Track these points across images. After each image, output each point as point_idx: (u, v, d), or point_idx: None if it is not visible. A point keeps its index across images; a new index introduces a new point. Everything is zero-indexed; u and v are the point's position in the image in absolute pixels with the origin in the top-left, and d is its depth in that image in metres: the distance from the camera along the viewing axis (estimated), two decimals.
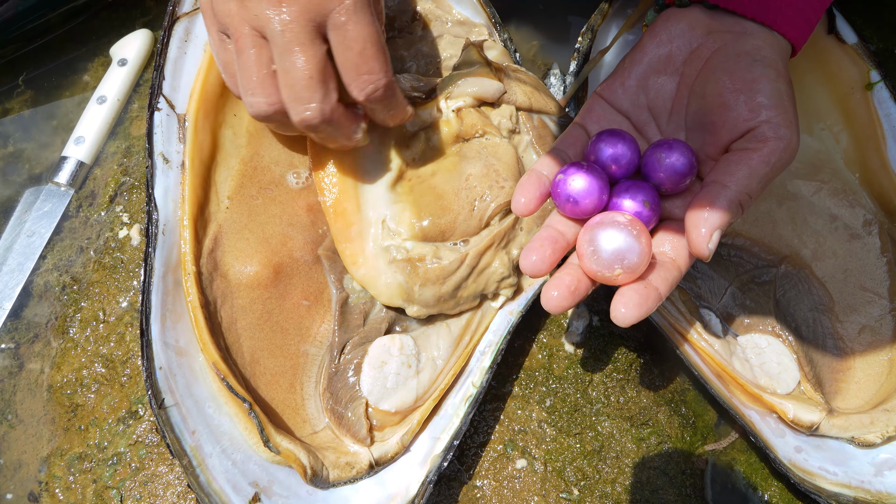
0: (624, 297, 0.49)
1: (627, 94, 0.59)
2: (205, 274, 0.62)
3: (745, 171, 0.50)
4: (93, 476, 0.64)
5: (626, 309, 0.48)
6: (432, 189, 0.65)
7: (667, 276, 0.51)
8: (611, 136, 0.55)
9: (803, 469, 0.62)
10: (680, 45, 0.57)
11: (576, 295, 0.51)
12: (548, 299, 0.51)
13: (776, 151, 0.50)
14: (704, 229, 0.49)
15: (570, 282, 0.51)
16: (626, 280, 0.50)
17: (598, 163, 0.55)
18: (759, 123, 0.51)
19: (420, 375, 0.63)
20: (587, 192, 0.53)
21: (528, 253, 0.53)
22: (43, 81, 0.79)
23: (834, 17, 0.72)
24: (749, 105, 0.51)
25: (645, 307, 0.49)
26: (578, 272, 0.52)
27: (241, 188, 0.65)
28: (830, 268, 0.68)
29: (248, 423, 0.58)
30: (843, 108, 0.73)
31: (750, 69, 0.52)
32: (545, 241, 0.53)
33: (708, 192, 0.50)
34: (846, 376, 0.66)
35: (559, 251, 0.53)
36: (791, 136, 0.50)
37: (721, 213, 0.49)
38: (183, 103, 0.64)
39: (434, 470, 0.60)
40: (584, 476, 0.65)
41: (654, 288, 0.50)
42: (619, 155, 0.54)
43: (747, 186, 0.50)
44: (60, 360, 0.68)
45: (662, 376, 0.68)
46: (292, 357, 0.63)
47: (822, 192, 0.70)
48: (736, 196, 0.49)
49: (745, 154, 0.50)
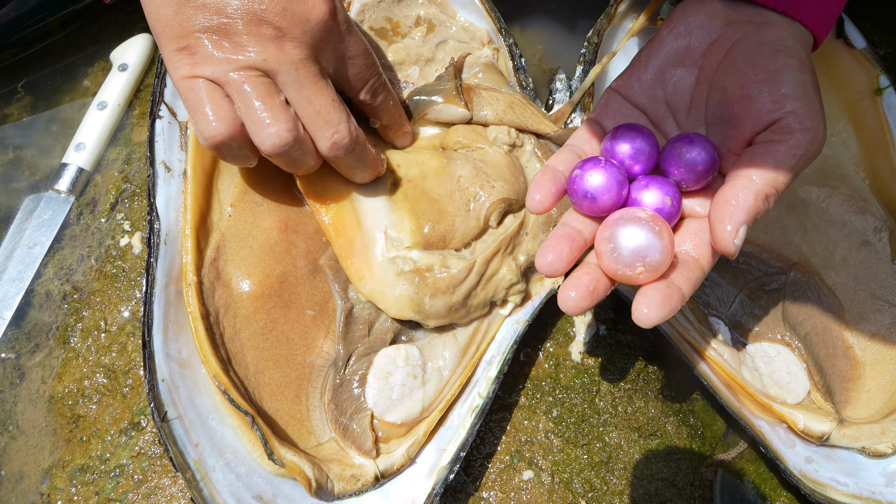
0: (646, 296, 0.46)
1: (644, 88, 0.57)
2: (206, 284, 0.61)
3: (772, 163, 0.47)
4: (95, 488, 0.63)
5: (649, 309, 0.45)
6: (426, 194, 0.64)
7: (690, 276, 0.49)
8: (628, 130, 0.52)
9: (814, 480, 0.61)
10: (699, 37, 0.55)
11: (595, 295, 0.48)
12: (565, 300, 0.48)
13: (803, 143, 0.48)
14: (730, 226, 0.46)
15: (589, 282, 0.48)
16: (647, 279, 0.47)
17: (616, 159, 0.52)
18: (785, 115, 0.48)
19: (426, 386, 0.63)
20: (605, 189, 0.50)
21: (545, 252, 0.50)
22: (42, 86, 0.78)
23: (842, 21, 0.71)
24: (773, 96, 0.49)
25: (668, 307, 0.46)
26: (597, 272, 0.49)
27: (245, 195, 0.64)
28: (840, 275, 0.68)
29: (251, 435, 0.58)
30: (851, 113, 0.72)
31: (773, 59, 0.50)
32: (562, 238, 0.50)
33: (732, 185, 0.47)
34: (856, 385, 0.66)
35: (577, 249, 0.51)
36: (818, 128, 0.48)
37: (747, 208, 0.46)
38: (185, 110, 0.63)
39: (440, 482, 0.59)
40: (591, 487, 0.64)
41: (677, 288, 0.47)
42: (638, 150, 0.52)
43: (774, 179, 0.47)
44: (62, 371, 0.67)
45: (670, 386, 0.68)
46: (297, 367, 0.62)
47: (832, 199, 0.69)
48: (763, 189, 0.47)
49: (771, 146, 0.48)
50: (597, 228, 0.52)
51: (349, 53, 0.58)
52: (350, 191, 0.63)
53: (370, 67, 0.60)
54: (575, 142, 0.56)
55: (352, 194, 0.63)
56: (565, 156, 0.55)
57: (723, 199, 0.47)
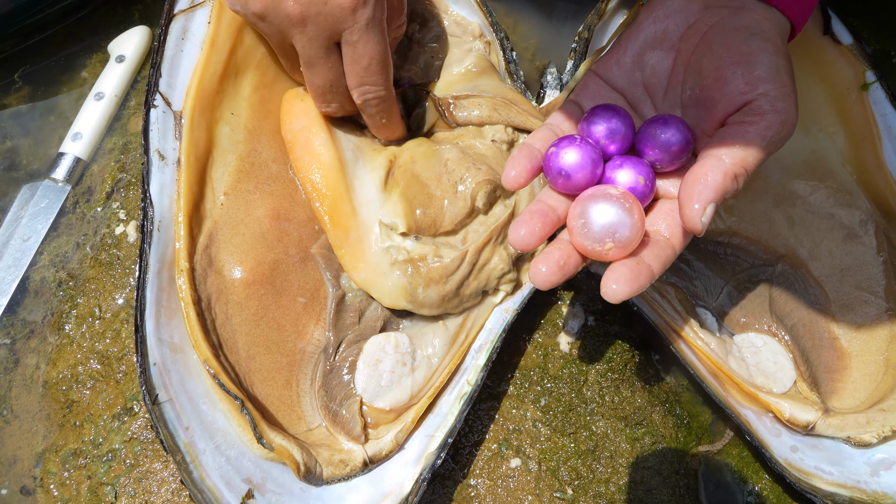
0: (615, 272, 0.47)
1: (623, 70, 0.58)
2: (199, 270, 0.62)
3: (742, 143, 0.48)
4: (87, 472, 0.64)
5: (618, 285, 0.46)
6: (416, 177, 0.65)
7: (660, 255, 0.49)
8: (604, 110, 0.54)
9: (799, 469, 0.62)
10: (676, 21, 0.56)
11: (565, 270, 0.49)
12: (535, 274, 0.49)
13: (774, 125, 0.49)
14: (698, 204, 0.47)
15: (560, 257, 0.49)
16: (617, 255, 0.48)
17: (592, 138, 0.53)
18: (757, 97, 0.49)
19: (415, 374, 0.63)
20: (579, 166, 0.51)
21: (518, 226, 0.51)
22: (40, 77, 0.79)
23: (829, 18, 0.72)
24: (746, 78, 0.50)
25: (637, 284, 0.47)
26: (568, 248, 0.50)
27: (238, 184, 0.65)
28: (827, 267, 0.68)
29: (241, 419, 0.58)
30: (838, 108, 0.73)
31: (747, 43, 0.51)
32: (535, 214, 0.52)
33: (702, 164, 0.48)
34: (842, 376, 0.66)
35: (549, 225, 0.52)
36: (789, 110, 0.49)
37: (715, 187, 0.47)
38: (179, 101, 0.64)
39: (428, 468, 0.60)
40: (578, 475, 0.64)
41: (646, 265, 0.48)
42: (613, 130, 0.53)
43: (743, 159, 0.48)
44: (56, 356, 0.68)
45: (657, 376, 0.68)
46: (288, 354, 0.63)
47: (819, 192, 0.70)
48: (732, 169, 0.48)
49: (742, 127, 0.49)
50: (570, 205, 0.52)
51: (357, 53, 0.58)
52: (346, 181, 0.64)
53: (371, 75, 0.60)
54: (553, 121, 0.57)
55: (348, 184, 0.64)
56: (543, 134, 0.56)
57: (692, 178, 0.48)
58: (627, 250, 0.48)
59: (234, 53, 0.67)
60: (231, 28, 0.66)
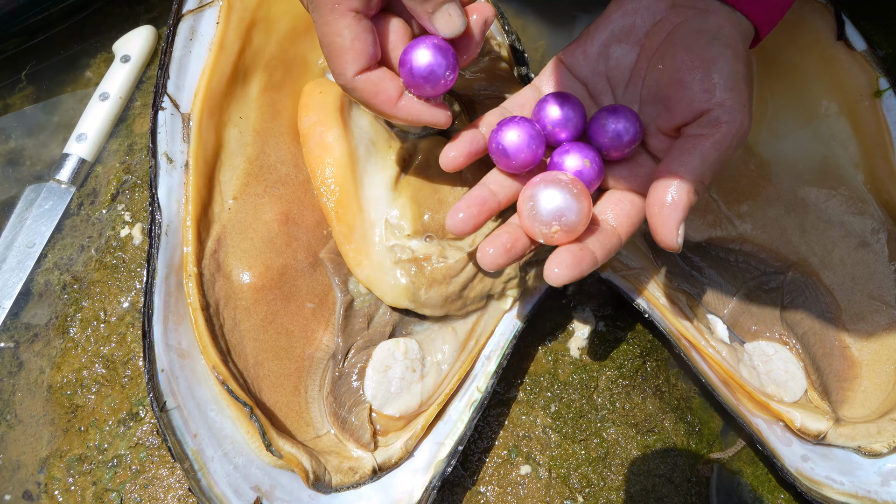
0: (558, 256, 0.49)
1: (588, 60, 0.58)
2: (207, 275, 0.61)
3: (700, 158, 0.49)
4: (92, 478, 0.63)
5: (560, 269, 0.48)
6: (428, 182, 0.65)
7: (605, 242, 0.51)
8: (558, 97, 0.55)
9: (810, 478, 0.61)
10: (644, 17, 0.56)
11: (511, 253, 0.51)
12: (482, 255, 0.51)
13: (728, 136, 0.50)
14: (671, 226, 0.49)
15: (507, 240, 0.51)
16: (563, 239, 0.50)
17: (543, 123, 0.55)
18: (713, 106, 0.50)
19: (424, 380, 0.63)
20: (519, 146, 0.52)
21: (456, 210, 0.52)
22: (45, 77, 0.78)
23: (843, 23, 0.72)
24: (704, 84, 0.51)
25: (578, 269, 0.48)
26: (517, 232, 0.52)
27: (246, 187, 0.64)
28: (838, 275, 0.68)
29: (249, 426, 0.58)
30: (851, 115, 0.73)
31: (709, 47, 0.52)
32: (474, 199, 0.53)
33: (667, 185, 0.50)
34: (853, 385, 0.66)
35: (486, 212, 0.53)
36: (742, 120, 0.50)
37: (683, 206, 0.49)
38: (187, 103, 0.63)
39: (438, 475, 0.59)
40: (588, 483, 0.64)
41: (590, 252, 0.50)
42: (566, 117, 0.54)
43: (703, 175, 0.50)
44: (60, 360, 0.67)
45: (668, 383, 0.68)
46: (297, 360, 0.62)
47: (831, 200, 0.70)
48: (693, 186, 0.49)
49: (699, 141, 0.50)
50: (514, 191, 0.54)
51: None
52: (356, 177, 0.64)
53: None
54: (509, 105, 0.58)
55: (357, 181, 0.64)
56: (494, 117, 0.57)
57: (660, 202, 0.49)
58: (573, 235, 0.50)
59: (242, 55, 0.66)
60: (240, 29, 0.66)
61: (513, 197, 0.55)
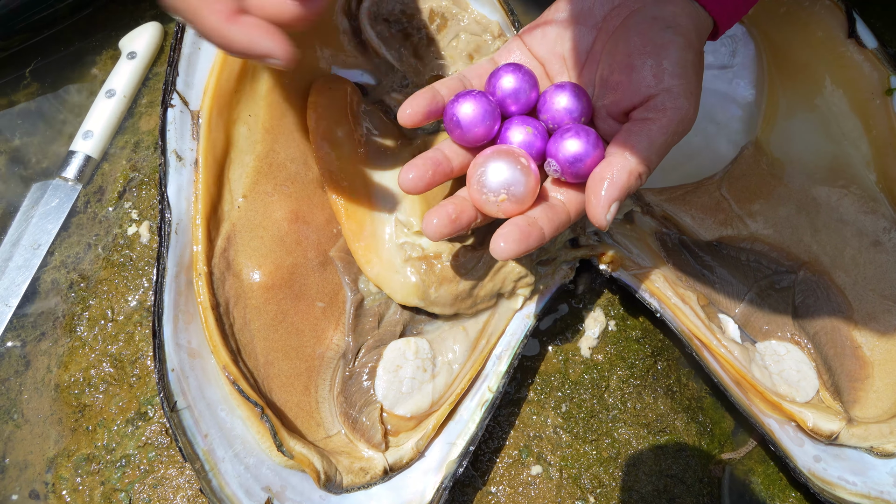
0: (505, 230, 0.49)
1: (546, 41, 0.59)
2: (217, 274, 0.61)
3: (645, 142, 0.50)
4: (101, 478, 0.63)
5: (506, 243, 0.48)
6: None
7: (553, 218, 0.51)
8: (512, 69, 0.55)
9: (822, 479, 0.61)
10: (602, 1, 0.57)
11: (456, 224, 0.51)
12: (427, 225, 0.51)
13: (673, 122, 0.50)
14: (603, 202, 0.49)
15: (453, 211, 0.51)
16: (510, 210, 0.50)
17: (495, 94, 0.55)
18: (660, 91, 0.51)
19: (436, 380, 0.62)
20: (473, 119, 0.53)
21: (408, 169, 0.52)
22: (50, 74, 0.77)
23: (854, 21, 0.71)
24: (653, 70, 0.51)
25: (525, 244, 0.48)
26: (464, 203, 0.52)
27: (256, 185, 0.64)
28: (850, 275, 0.68)
29: (260, 426, 0.57)
30: (862, 113, 0.72)
31: (661, 35, 0.52)
32: (429, 160, 0.53)
33: (609, 163, 0.50)
34: (864, 385, 0.66)
35: (440, 175, 0.53)
36: (688, 107, 0.50)
37: (620, 185, 0.49)
38: (197, 100, 0.63)
39: (449, 476, 0.59)
40: (600, 483, 0.64)
41: (538, 227, 0.50)
42: (518, 90, 0.55)
43: (647, 158, 0.50)
44: (68, 359, 0.67)
45: (679, 383, 0.68)
46: (307, 359, 0.62)
47: (843, 199, 0.69)
48: (636, 168, 0.49)
49: (645, 125, 0.50)
50: (467, 159, 0.55)
51: None
52: (366, 174, 0.63)
53: None
54: (467, 73, 0.59)
55: (367, 178, 0.63)
56: (452, 83, 0.57)
57: (599, 177, 0.50)
58: (521, 207, 0.50)
59: None
60: None
61: (466, 166, 0.55)
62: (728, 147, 0.74)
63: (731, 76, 0.76)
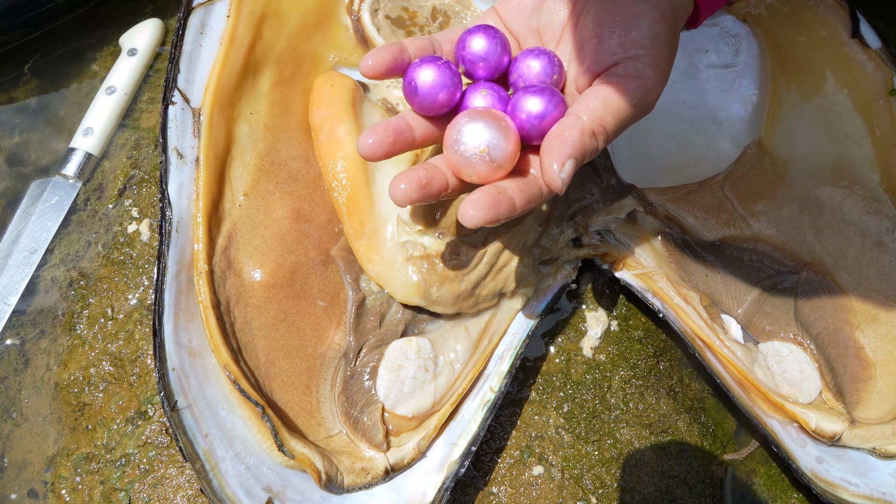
0: (475, 197, 0.47)
1: (522, 14, 0.57)
2: (217, 273, 0.60)
3: (601, 102, 0.48)
4: (100, 477, 0.62)
5: (475, 211, 0.46)
6: None
7: (526, 190, 0.49)
8: (482, 31, 0.53)
9: (825, 480, 0.61)
10: None
11: (426, 190, 0.48)
12: (394, 190, 0.48)
13: (635, 90, 0.49)
14: (557, 160, 0.47)
15: (423, 176, 0.49)
16: (487, 175, 0.48)
17: (465, 57, 0.53)
18: (625, 59, 0.49)
19: (437, 380, 0.62)
20: (433, 88, 0.51)
21: (368, 134, 0.50)
22: (50, 70, 0.77)
23: (858, 20, 0.71)
24: (622, 39, 0.50)
25: (494, 212, 0.46)
26: (435, 171, 0.50)
27: (257, 183, 0.63)
28: (853, 275, 0.67)
29: (261, 426, 0.57)
30: (865, 113, 0.72)
31: (634, 6, 0.51)
32: (390, 126, 0.51)
33: (562, 123, 0.48)
34: (867, 386, 0.65)
35: (401, 143, 0.51)
36: (655, 77, 0.49)
37: (573, 143, 0.47)
38: (198, 97, 0.62)
39: (451, 476, 0.59)
40: (602, 484, 0.63)
41: (508, 196, 0.48)
42: (488, 52, 0.53)
43: (602, 118, 0.48)
44: (67, 358, 0.66)
45: (682, 383, 0.67)
46: (308, 359, 0.61)
47: (846, 199, 0.69)
48: (589, 126, 0.47)
49: (603, 87, 0.49)
50: (430, 132, 0.53)
51: None
52: (367, 172, 0.63)
53: None
54: (439, 37, 0.56)
55: (368, 175, 0.63)
56: (421, 42, 0.55)
57: (551, 135, 0.48)
58: (500, 172, 0.48)
59: (253, 49, 0.65)
60: (250, 23, 0.65)
61: (428, 137, 0.53)
62: (731, 147, 0.73)
63: (735, 75, 0.76)
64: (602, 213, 0.68)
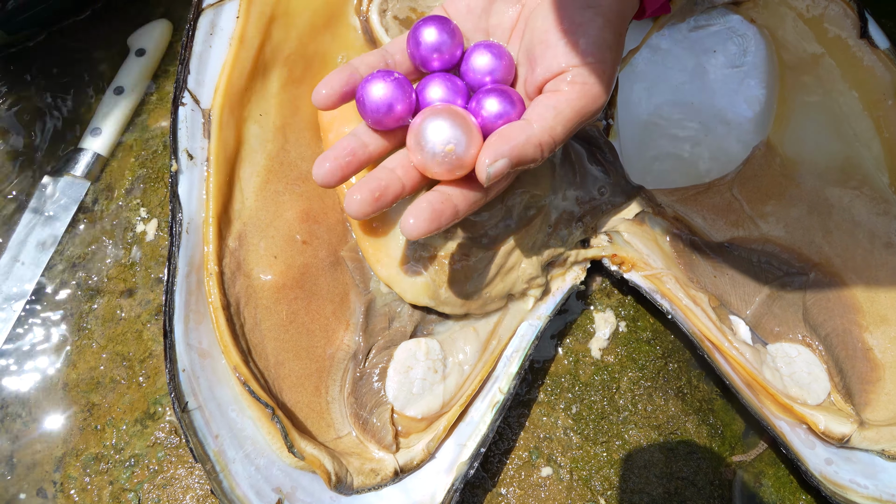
0: (417, 207, 0.47)
1: (472, 15, 0.58)
2: (227, 274, 0.60)
3: (552, 112, 0.49)
4: (109, 478, 0.63)
5: (416, 220, 0.47)
6: None
7: (469, 194, 0.50)
8: (435, 22, 0.54)
9: (834, 482, 0.61)
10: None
11: (380, 201, 0.49)
12: (349, 203, 0.49)
13: (581, 98, 0.49)
14: (490, 157, 0.47)
15: (377, 187, 0.49)
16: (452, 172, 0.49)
17: (419, 50, 0.54)
18: (571, 67, 0.50)
19: (446, 381, 0.62)
20: (385, 104, 0.51)
21: (323, 160, 0.51)
22: (58, 70, 0.77)
23: (866, 21, 0.71)
24: (568, 47, 0.50)
25: (436, 223, 0.47)
26: (389, 177, 0.50)
27: (267, 184, 0.63)
28: (861, 277, 0.67)
29: (271, 427, 0.57)
30: (873, 114, 0.72)
31: (581, 13, 0.51)
32: (343, 149, 0.51)
33: (514, 124, 0.49)
34: (876, 388, 0.65)
35: (356, 163, 0.52)
36: (599, 86, 0.50)
37: (515, 145, 0.48)
38: (208, 98, 0.62)
39: (460, 477, 0.59)
40: (611, 485, 0.64)
41: (452, 204, 0.48)
42: (441, 43, 0.53)
43: (552, 129, 0.49)
44: (76, 358, 0.66)
45: (690, 385, 0.67)
46: (317, 360, 0.61)
47: (855, 200, 0.69)
48: (537, 136, 0.48)
49: (554, 96, 0.50)
50: (384, 144, 0.53)
51: None
52: None
53: None
54: (389, 48, 0.57)
55: None
56: (372, 59, 0.55)
57: (498, 132, 0.49)
58: (465, 168, 0.49)
59: (262, 49, 0.65)
60: (260, 23, 0.65)
61: (383, 150, 0.53)
62: (739, 147, 0.73)
63: (742, 76, 0.76)
64: (611, 214, 0.68)
